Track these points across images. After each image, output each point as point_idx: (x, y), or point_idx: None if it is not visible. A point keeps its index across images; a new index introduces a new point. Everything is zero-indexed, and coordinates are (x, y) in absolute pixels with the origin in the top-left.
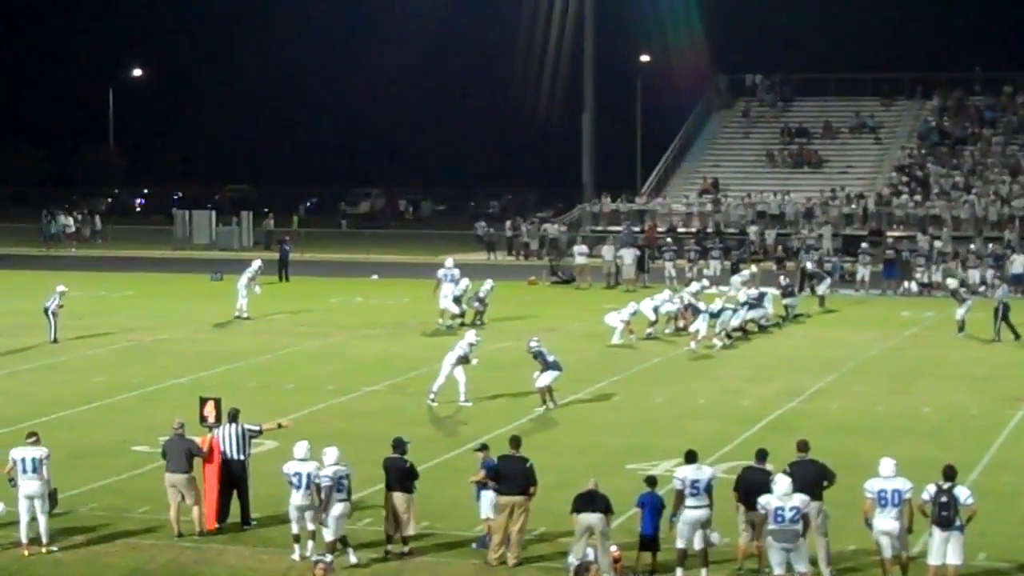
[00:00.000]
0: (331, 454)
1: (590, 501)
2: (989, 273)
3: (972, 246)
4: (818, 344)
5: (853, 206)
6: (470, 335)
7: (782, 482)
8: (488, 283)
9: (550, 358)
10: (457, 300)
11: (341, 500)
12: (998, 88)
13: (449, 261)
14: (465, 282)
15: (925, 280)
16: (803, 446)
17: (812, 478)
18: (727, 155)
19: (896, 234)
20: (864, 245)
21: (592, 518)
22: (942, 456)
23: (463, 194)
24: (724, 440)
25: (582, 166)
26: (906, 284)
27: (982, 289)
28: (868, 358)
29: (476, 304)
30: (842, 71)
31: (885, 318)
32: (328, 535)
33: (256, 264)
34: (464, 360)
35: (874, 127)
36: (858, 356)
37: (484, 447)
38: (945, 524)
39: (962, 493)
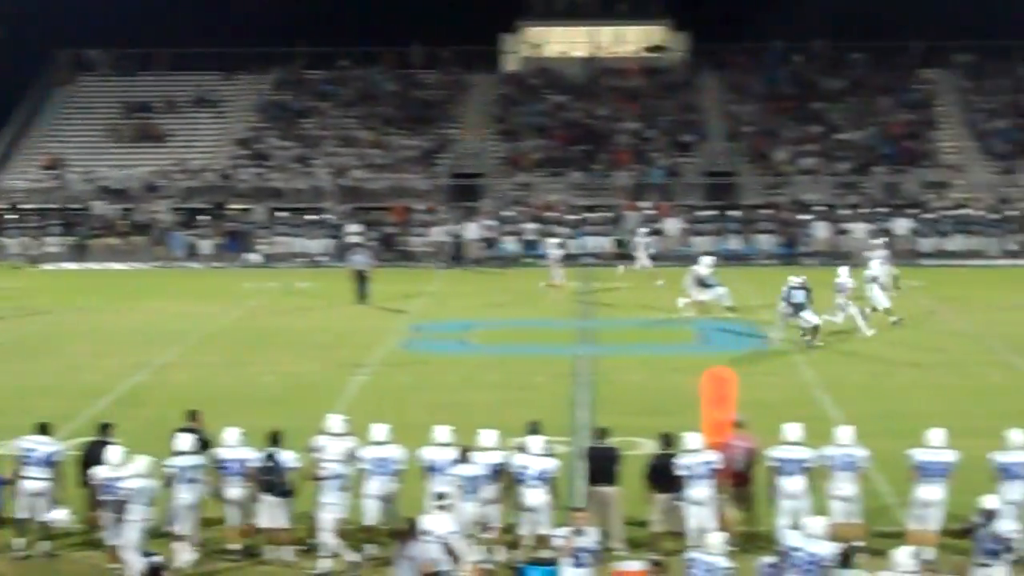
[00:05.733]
0: None
1: None
2: (327, 243)
3: (309, 217)
4: (164, 317)
5: (196, 180)
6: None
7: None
8: None
9: None
10: None
11: None
12: (333, 62)
13: None
14: None
15: (268, 251)
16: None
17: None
18: (70, 131)
19: (238, 207)
20: (205, 218)
21: None
22: (285, 424)
23: None
24: (70, 416)
25: None
26: (247, 255)
27: (322, 260)
28: (213, 330)
29: None
30: (183, 45)
31: (228, 290)
32: None
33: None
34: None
35: (215, 101)
36: (203, 328)
37: None
38: (271, 489)
39: (287, 457)
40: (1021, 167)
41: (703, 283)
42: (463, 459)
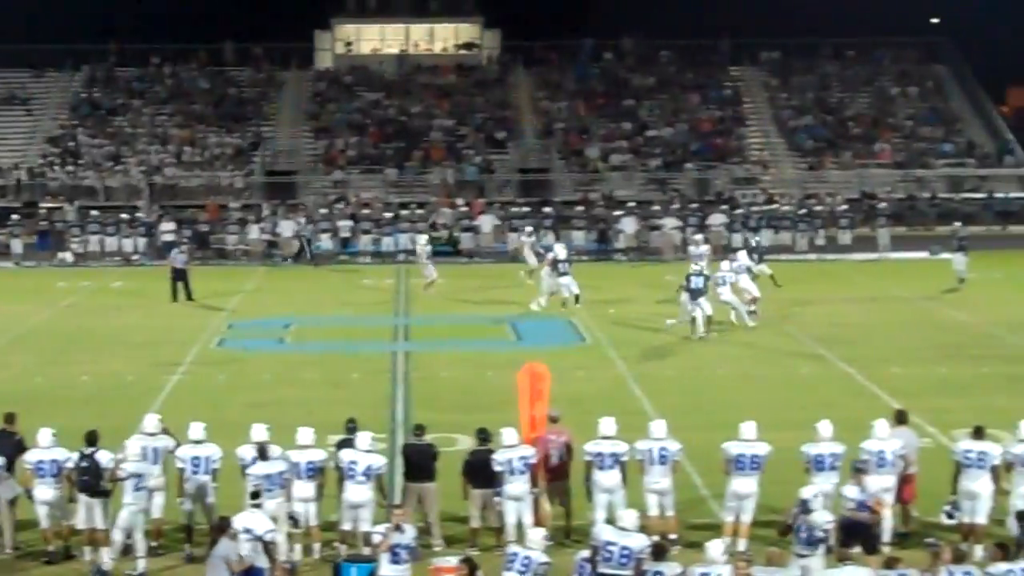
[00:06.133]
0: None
1: None
2: (141, 242)
3: (122, 216)
4: None
5: (6, 179)
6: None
7: None
8: None
9: None
10: None
11: None
12: (145, 59)
13: None
14: None
15: (80, 250)
16: None
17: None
18: None
19: (49, 205)
20: (16, 217)
21: None
22: (101, 423)
23: None
24: None
25: None
26: (60, 255)
27: (136, 259)
28: (25, 329)
29: None
30: None
31: (41, 289)
32: None
33: None
34: None
35: (25, 99)
36: (16, 328)
37: None
38: (87, 489)
39: (104, 457)
40: (827, 163)
41: (557, 268)
42: (262, 456)
